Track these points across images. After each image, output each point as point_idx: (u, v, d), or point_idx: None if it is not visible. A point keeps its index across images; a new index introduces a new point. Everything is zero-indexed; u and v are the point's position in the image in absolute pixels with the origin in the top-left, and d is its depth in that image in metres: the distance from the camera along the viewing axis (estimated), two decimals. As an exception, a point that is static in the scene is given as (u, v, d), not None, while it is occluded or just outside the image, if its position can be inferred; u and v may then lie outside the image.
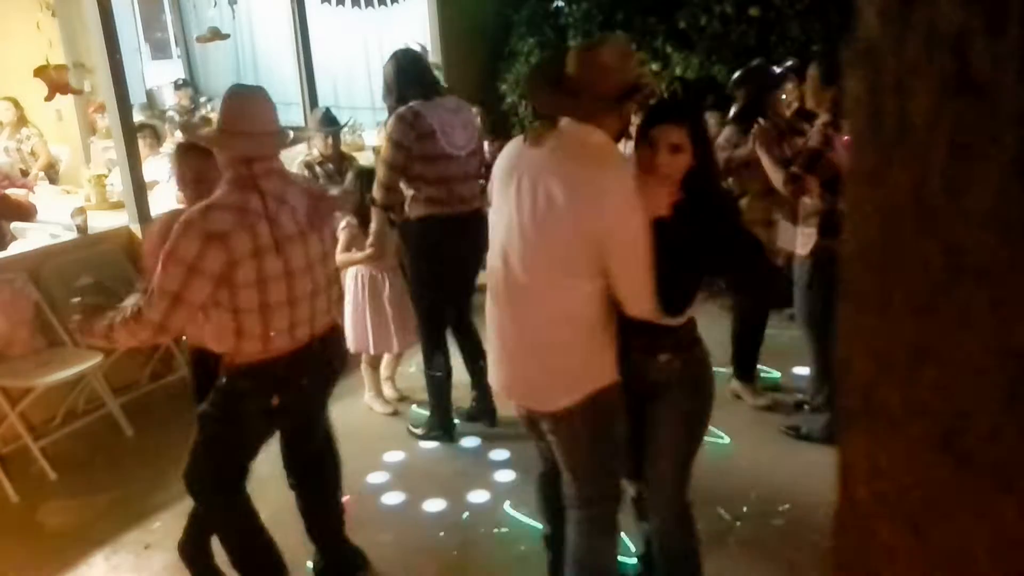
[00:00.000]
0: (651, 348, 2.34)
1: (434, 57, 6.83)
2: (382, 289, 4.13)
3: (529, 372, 2.33)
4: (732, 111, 4.21)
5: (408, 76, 3.75)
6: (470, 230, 3.61)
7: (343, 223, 4.08)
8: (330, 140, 5.09)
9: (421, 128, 3.63)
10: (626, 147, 2.57)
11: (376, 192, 3.74)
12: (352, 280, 4.17)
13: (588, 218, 2.13)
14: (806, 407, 3.98)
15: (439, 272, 3.79)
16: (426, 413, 4.14)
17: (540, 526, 3.01)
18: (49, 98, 5.93)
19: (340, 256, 4.12)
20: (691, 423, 2.44)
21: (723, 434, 3.78)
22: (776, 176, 3.55)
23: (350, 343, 4.20)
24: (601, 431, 2.34)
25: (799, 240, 3.63)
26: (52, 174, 6.66)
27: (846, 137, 3.36)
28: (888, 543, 0.61)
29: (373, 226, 3.88)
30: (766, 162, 3.60)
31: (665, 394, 2.38)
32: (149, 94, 9.29)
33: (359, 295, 4.15)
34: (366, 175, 4.10)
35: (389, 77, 3.83)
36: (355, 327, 4.16)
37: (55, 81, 5.83)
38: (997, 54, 0.49)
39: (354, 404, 4.42)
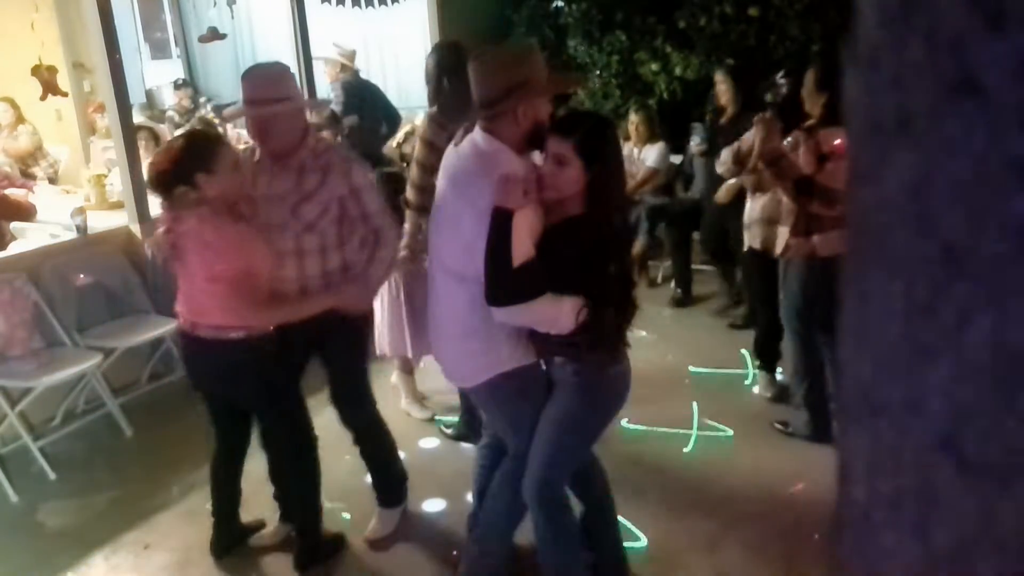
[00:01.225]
0: (548, 350, 2.42)
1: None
2: (416, 292, 3.97)
3: (440, 355, 2.60)
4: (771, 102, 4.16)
5: (447, 72, 3.69)
6: None
7: None
8: (338, 139, 5.12)
9: (455, 129, 3.59)
10: None
11: (409, 193, 3.69)
12: (397, 281, 4.00)
13: (456, 221, 2.34)
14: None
15: None
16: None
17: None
18: (43, 97, 5.94)
19: None
20: (563, 426, 2.45)
21: (725, 427, 3.88)
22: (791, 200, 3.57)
23: (385, 348, 4.06)
24: (506, 408, 2.56)
25: (778, 240, 3.68)
26: (52, 174, 6.66)
27: (837, 141, 3.36)
28: (888, 543, 0.61)
29: (407, 228, 3.77)
30: (785, 190, 3.62)
31: (556, 392, 2.47)
32: (149, 94, 9.29)
33: (395, 298, 4.02)
34: (389, 177, 4.05)
35: (429, 71, 3.81)
36: (391, 331, 4.04)
37: (47, 81, 5.85)
38: (997, 54, 0.49)
39: (354, 404, 4.42)
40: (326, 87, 7.16)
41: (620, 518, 2.88)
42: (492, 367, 2.45)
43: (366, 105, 6.20)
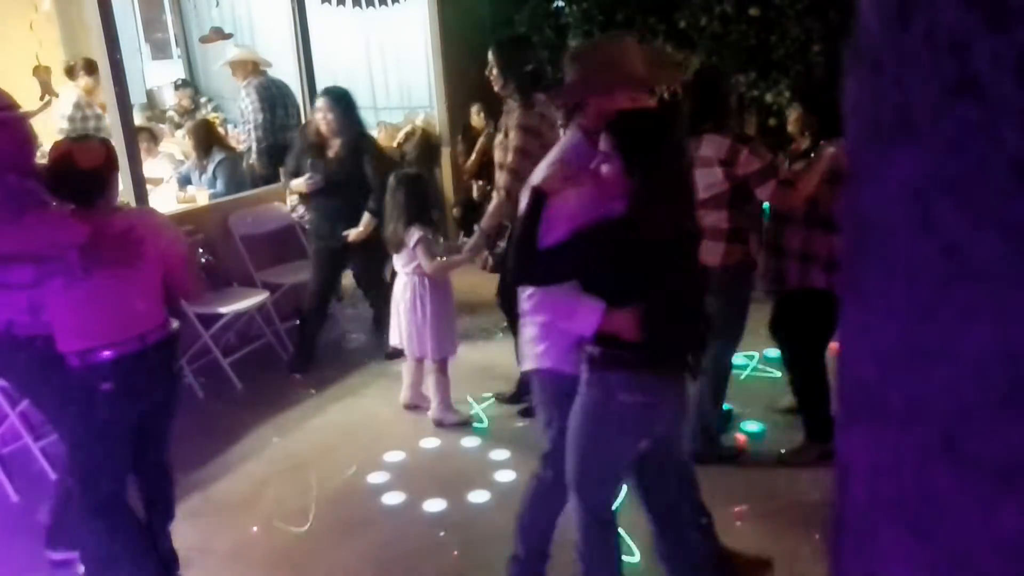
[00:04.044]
0: (580, 352, 2.36)
1: (434, 57, 6.91)
2: (436, 296, 4.02)
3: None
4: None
5: (523, 64, 3.77)
6: None
7: (417, 235, 3.90)
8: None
9: (551, 118, 3.61)
10: None
11: (505, 181, 3.62)
12: (422, 285, 4.02)
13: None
14: None
15: None
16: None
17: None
18: (42, 96, 5.97)
19: (434, 264, 3.90)
20: (573, 441, 2.37)
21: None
22: None
23: (413, 350, 4.10)
24: (540, 404, 2.60)
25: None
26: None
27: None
28: (888, 543, 0.61)
29: (491, 220, 3.72)
30: None
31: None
32: (149, 94, 9.28)
33: (414, 301, 4.02)
34: (407, 179, 4.03)
35: (503, 65, 3.80)
36: (414, 334, 4.04)
37: (45, 81, 5.92)
38: (997, 54, 0.49)
39: (354, 404, 4.42)
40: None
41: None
42: (538, 359, 2.49)
43: (278, 103, 6.62)
